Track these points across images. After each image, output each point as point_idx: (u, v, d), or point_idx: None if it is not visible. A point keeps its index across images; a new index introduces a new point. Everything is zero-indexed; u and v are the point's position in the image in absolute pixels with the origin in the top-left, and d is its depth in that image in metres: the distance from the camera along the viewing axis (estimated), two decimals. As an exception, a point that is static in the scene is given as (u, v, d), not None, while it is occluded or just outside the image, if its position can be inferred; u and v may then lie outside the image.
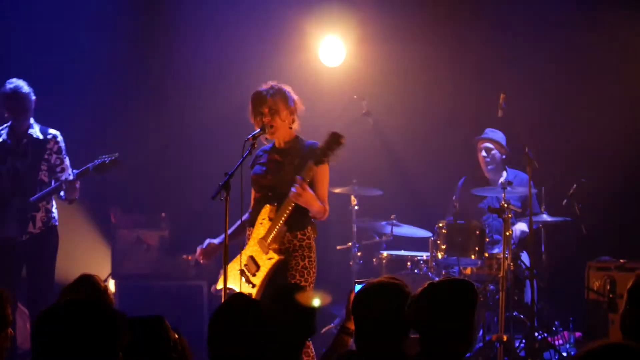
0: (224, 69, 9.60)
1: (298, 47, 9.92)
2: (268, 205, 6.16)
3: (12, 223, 7.58)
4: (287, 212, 6.00)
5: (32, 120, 7.70)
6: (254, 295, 6.03)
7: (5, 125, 7.76)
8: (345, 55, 9.90)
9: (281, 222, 6.03)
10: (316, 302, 4.51)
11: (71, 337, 3.11)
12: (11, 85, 7.60)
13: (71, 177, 7.44)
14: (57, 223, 7.76)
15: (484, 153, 8.92)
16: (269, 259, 6.09)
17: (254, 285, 6.09)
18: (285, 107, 6.26)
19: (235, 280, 6.12)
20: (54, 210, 7.75)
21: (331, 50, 9.90)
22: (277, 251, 6.07)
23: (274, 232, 6.03)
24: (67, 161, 7.72)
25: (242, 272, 6.15)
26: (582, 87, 9.22)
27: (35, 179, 7.63)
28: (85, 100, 9.63)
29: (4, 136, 7.70)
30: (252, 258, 6.16)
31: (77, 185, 7.49)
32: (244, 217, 6.31)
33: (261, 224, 6.18)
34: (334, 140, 5.89)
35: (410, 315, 3.84)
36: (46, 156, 7.65)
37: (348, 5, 9.72)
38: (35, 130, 7.68)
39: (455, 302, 3.77)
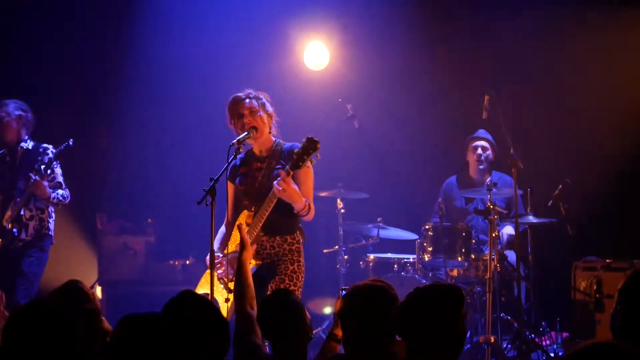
0: (209, 75, 9.59)
1: (283, 52, 9.93)
2: (245, 210, 6.13)
3: (7, 231, 7.73)
4: (267, 213, 5.97)
5: (26, 137, 7.93)
6: (231, 300, 6.01)
7: (2, 148, 8.02)
8: (330, 59, 9.92)
9: (259, 225, 6.00)
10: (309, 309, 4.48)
11: (29, 340, 3.19)
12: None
13: (34, 178, 7.60)
14: (51, 233, 7.86)
15: (480, 151, 8.92)
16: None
17: (231, 291, 6.06)
18: (264, 110, 6.24)
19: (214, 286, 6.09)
20: (50, 220, 7.88)
21: (315, 55, 9.91)
22: (255, 256, 6.02)
23: (253, 236, 5.99)
24: (57, 170, 7.83)
25: (219, 279, 6.13)
26: (567, 87, 9.24)
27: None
28: (69, 105, 9.62)
29: (4, 153, 7.96)
30: (230, 264, 6.13)
31: (45, 183, 7.63)
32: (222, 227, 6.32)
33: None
34: (310, 145, 5.88)
35: (396, 321, 3.77)
36: (36, 167, 7.73)
37: (331, 10, 9.73)
38: (28, 144, 7.89)
39: (440, 308, 3.64)
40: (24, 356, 3.21)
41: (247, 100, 6.22)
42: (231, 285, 6.07)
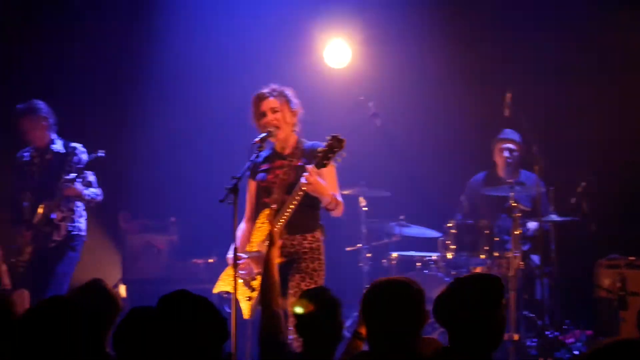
0: (230, 73, 9.59)
1: (304, 50, 9.93)
2: (267, 208, 6.09)
3: (39, 233, 7.83)
4: (291, 209, 5.92)
5: (53, 136, 8.02)
6: (253, 298, 6.01)
7: (29, 147, 8.11)
8: (351, 57, 9.91)
9: (282, 221, 5.94)
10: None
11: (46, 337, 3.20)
12: (23, 106, 8.00)
13: (67, 185, 7.73)
14: (81, 233, 7.98)
15: (506, 153, 8.83)
16: None
17: (253, 289, 6.05)
18: (288, 108, 6.22)
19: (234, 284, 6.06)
20: (81, 220, 8.02)
21: (337, 53, 9.90)
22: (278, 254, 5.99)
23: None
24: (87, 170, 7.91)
25: (241, 277, 6.09)
26: (591, 84, 9.17)
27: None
28: (92, 104, 9.66)
29: (32, 153, 8.06)
30: (252, 262, 6.10)
31: (75, 185, 7.75)
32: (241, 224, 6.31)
33: (260, 227, 6.14)
34: (336, 143, 5.84)
35: (437, 312, 3.81)
36: (67, 168, 7.82)
37: (353, 7, 9.71)
38: (57, 145, 8.00)
39: (482, 297, 3.73)
40: (40, 349, 3.21)
41: (271, 98, 6.21)
42: (253, 283, 6.06)
